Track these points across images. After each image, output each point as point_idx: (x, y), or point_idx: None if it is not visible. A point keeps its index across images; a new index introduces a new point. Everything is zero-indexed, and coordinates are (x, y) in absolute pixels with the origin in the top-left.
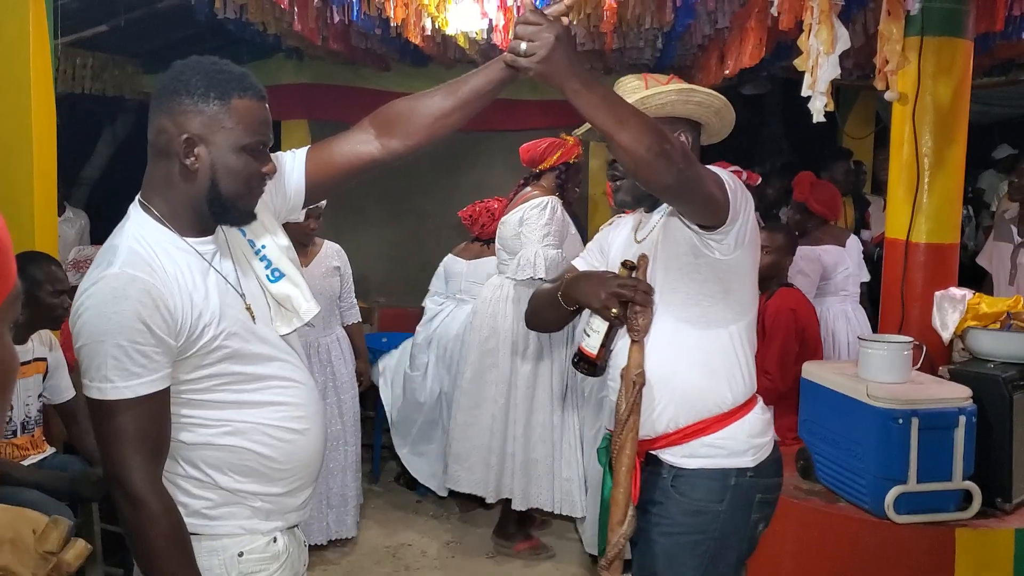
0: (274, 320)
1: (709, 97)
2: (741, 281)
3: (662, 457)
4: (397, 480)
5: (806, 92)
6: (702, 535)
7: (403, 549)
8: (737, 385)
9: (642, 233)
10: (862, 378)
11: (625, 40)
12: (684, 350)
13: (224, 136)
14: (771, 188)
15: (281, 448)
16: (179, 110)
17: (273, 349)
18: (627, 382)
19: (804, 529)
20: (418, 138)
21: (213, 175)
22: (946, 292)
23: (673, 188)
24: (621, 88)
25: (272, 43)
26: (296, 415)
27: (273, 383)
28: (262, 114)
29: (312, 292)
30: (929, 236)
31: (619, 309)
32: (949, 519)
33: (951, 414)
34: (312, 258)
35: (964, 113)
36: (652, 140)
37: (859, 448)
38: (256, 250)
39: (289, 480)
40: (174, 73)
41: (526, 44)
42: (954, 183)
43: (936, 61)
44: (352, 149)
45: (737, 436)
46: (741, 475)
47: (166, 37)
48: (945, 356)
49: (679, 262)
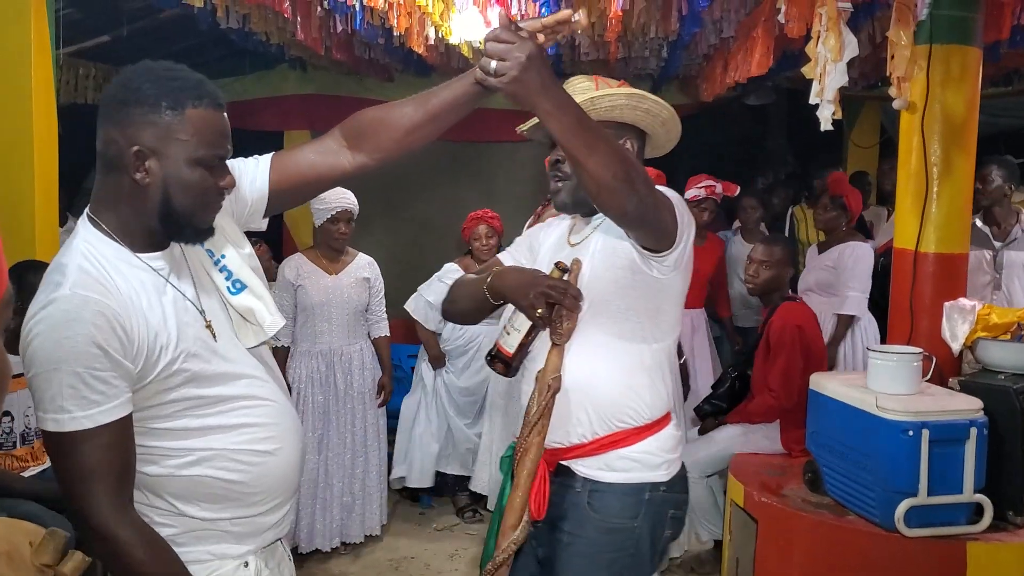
0: (239, 334)
1: (658, 105)
2: (672, 302)
3: (576, 469)
4: (400, 492)
5: (814, 100)
6: (618, 553)
7: (406, 562)
8: (656, 401)
9: (576, 237)
10: (871, 389)
11: (630, 50)
12: (608, 362)
13: (178, 148)
14: (776, 199)
15: (250, 471)
16: (128, 121)
17: (238, 367)
18: (541, 385)
19: (812, 542)
20: (388, 151)
21: (166, 190)
22: (956, 302)
23: (631, 214)
24: (571, 87)
25: (275, 53)
26: (264, 436)
27: (239, 404)
28: (219, 124)
29: (340, 301)
30: (938, 246)
31: (545, 310)
32: (960, 532)
33: (962, 426)
34: (343, 267)
35: (973, 121)
36: (618, 168)
37: (868, 460)
38: (216, 261)
39: (263, 502)
40: (123, 80)
41: (496, 63)
42: (963, 192)
43: (945, 69)
44: (322, 160)
45: (652, 450)
46: (655, 490)
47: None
48: (955, 367)
49: (615, 275)
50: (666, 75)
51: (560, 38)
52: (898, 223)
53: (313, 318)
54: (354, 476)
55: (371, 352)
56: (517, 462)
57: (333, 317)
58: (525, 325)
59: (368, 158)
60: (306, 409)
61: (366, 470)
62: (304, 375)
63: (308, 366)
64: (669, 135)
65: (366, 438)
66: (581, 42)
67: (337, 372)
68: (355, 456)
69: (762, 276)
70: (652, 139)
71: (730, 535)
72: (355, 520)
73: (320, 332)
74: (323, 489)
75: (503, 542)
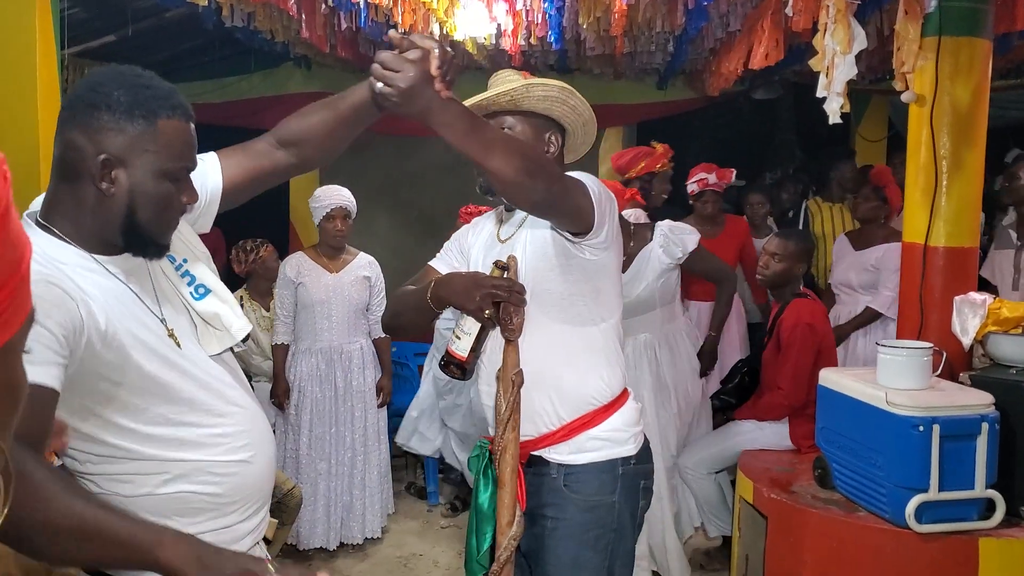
0: (202, 341)
1: (583, 104)
2: (610, 280)
3: (548, 457)
4: (408, 489)
5: (821, 93)
6: (602, 529)
7: (414, 559)
8: (612, 379)
9: (506, 232)
10: (881, 385)
11: (636, 44)
12: (559, 348)
13: (147, 160)
14: (785, 193)
15: (227, 482)
16: (97, 126)
17: (205, 375)
18: (505, 382)
19: (822, 539)
20: (316, 155)
21: (131, 202)
22: (966, 297)
23: (541, 204)
24: (500, 79)
25: (280, 51)
26: (239, 444)
27: (209, 414)
28: (189, 137)
29: (340, 299)
30: (948, 240)
31: (493, 310)
32: (972, 528)
33: (973, 421)
34: (343, 266)
35: (983, 114)
36: (519, 162)
37: (878, 456)
38: (177, 266)
39: (241, 510)
40: (93, 84)
41: (380, 86)
42: (973, 186)
43: (954, 61)
44: (257, 162)
45: (618, 426)
46: (626, 463)
47: (174, 47)
48: (965, 362)
49: (551, 264)
50: (672, 69)
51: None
52: (907, 217)
53: (313, 316)
54: (354, 475)
55: (372, 351)
56: (498, 461)
57: (333, 315)
58: (475, 328)
59: (299, 159)
60: (306, 406)
61: (366, 470)
62: (305, 372)
63: (308, 363)
64: (587, 138)
65: (366, 437)
66: (586, 37)
67: (337, 370)
68: (355, 455)
69: (772, 268)
70: (570, 136)
71: (739, 532)
72: (355, 520)
73: (320, 330)
74: (324, 487)
75: (503, 540)
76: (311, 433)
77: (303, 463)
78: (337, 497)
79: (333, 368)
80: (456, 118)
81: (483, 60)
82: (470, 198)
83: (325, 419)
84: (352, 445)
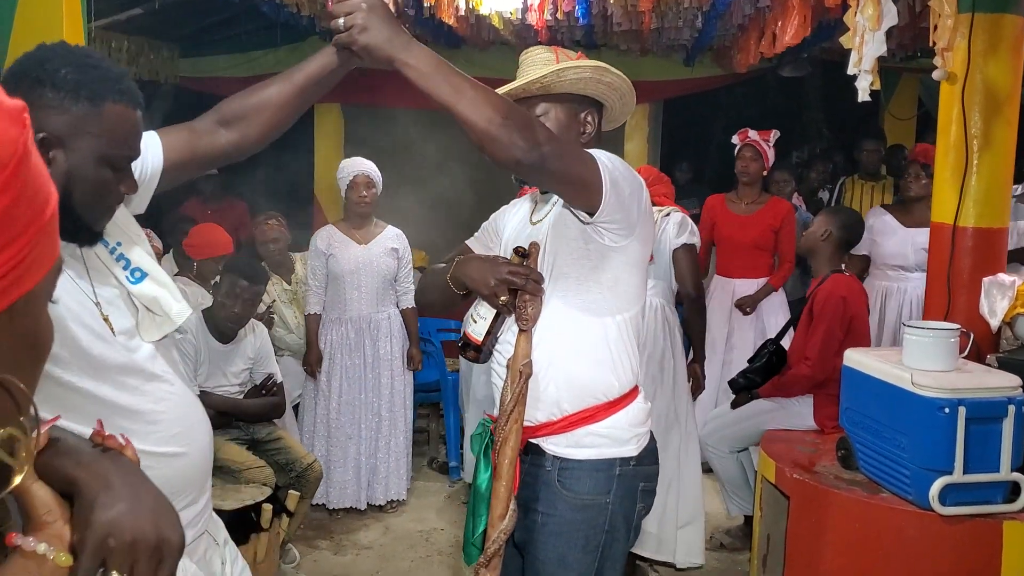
0: (140, 327)
1: (619, 79)
2: (631, 271)
3: (545, 447)
4: (430, 465)
5: (852, 70)
6: (592, 530)
7: (436, 534)
8: (622, 374)
9: (538, 215)
10: (907, 366)
11: (664, 20)
12: (571, 337)
13: (88, 143)
14: (813, 172)
15: (161, 473)
16: (39, 103)
17: (140, 361)
18: (513, 372)
19: (845, 520)
20: (261, 130)
21: (67, 185)
22: (995, 278)
23: (525, 165)
24: (530, 58)
25: (307, 25)
26: (173, 432)
27: (142, 403)
28: (135, 125)
29: (369, 270)
30: (977, 220)
31: (508, 297)
32: (996, 511)
33: (1000, 403)
34: (372, 238)
35: (1016, 92)
36: (492, 112)
37: (903, 438)
38: (111, 249)
39: (178, 502)
40: (38, 58)
41: (343, 19)
42: (1004, 165)
43: (987, 39)
44: (198, 140)
45: (621, 425)
46: (625, 464)
47: (201, 20)
48: (993, 344)
49: (569, 247)
50: (700, 46)
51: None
52: (936, 197)
53: (343, 286)
54: (379, 440)
55: (399, 321)
56: (497, 450)
57: (362, 285)
58: (490, 313)
59: (241, 137)
60: (336, 374)
61: (392, 435)
62: (335, 341)
63: (338, 332)
64: (624, 108)
65: (392, 404)
66: (613, 12)
67: (366, 339)
68: (381, 421)
69: (807, 241)
70: (608, 111)
71: (761, 512)
72: (379, 483)
73: (350, 300)
74: (354, 451)
75: (493, 532)
76: (340, 399)
77: (333, 428)
78: (364, 461)
79: (362, 337)
80: (421, 57)
81: (509, 35)
82: (494, 174)
83: (355, 386)
84: (379, 411)
